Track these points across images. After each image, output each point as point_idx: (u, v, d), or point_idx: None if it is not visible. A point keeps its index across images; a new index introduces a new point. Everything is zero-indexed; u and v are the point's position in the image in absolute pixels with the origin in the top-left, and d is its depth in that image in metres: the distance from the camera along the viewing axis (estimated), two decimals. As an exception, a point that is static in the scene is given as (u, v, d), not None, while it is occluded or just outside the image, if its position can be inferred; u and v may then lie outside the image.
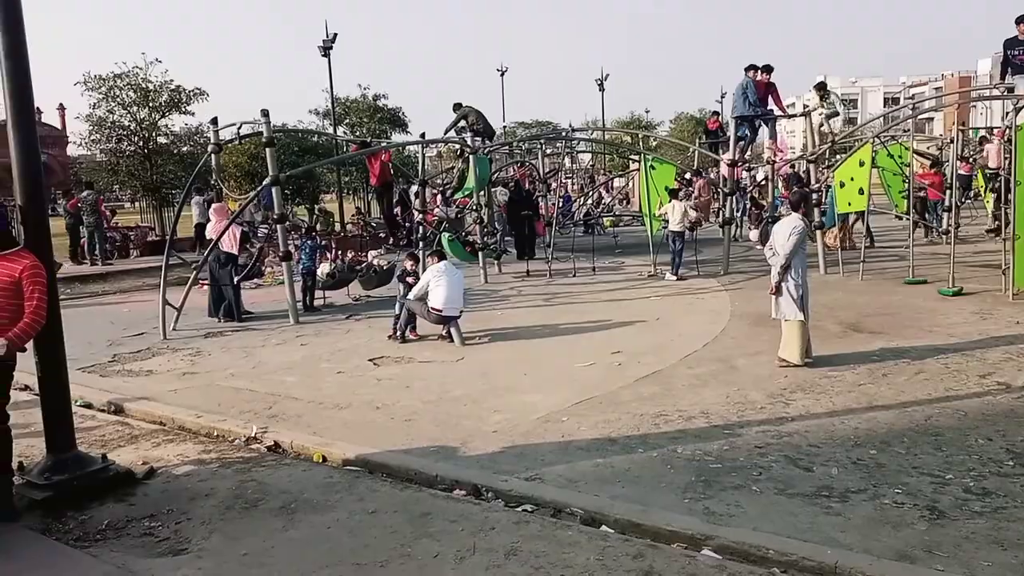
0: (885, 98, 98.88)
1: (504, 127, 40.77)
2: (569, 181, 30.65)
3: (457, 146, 17.91)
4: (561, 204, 21.29)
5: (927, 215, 17.95)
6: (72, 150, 44.46)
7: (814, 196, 14.09)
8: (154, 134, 24.98)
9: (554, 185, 21.11)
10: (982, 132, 23.56)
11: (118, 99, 24.09)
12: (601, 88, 46.82)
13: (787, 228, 8.04)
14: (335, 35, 27.38)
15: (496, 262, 16.48)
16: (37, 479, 5.35)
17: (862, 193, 13.59)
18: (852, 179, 13.68)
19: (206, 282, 12.64)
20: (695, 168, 22.80)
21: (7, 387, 5.20)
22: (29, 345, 5.21)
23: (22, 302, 5.03)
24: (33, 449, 6.00)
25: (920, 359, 8.10)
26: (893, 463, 5.43)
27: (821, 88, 17.09)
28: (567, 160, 28.40)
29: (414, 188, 19.62)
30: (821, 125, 16.69)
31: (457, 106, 17.69)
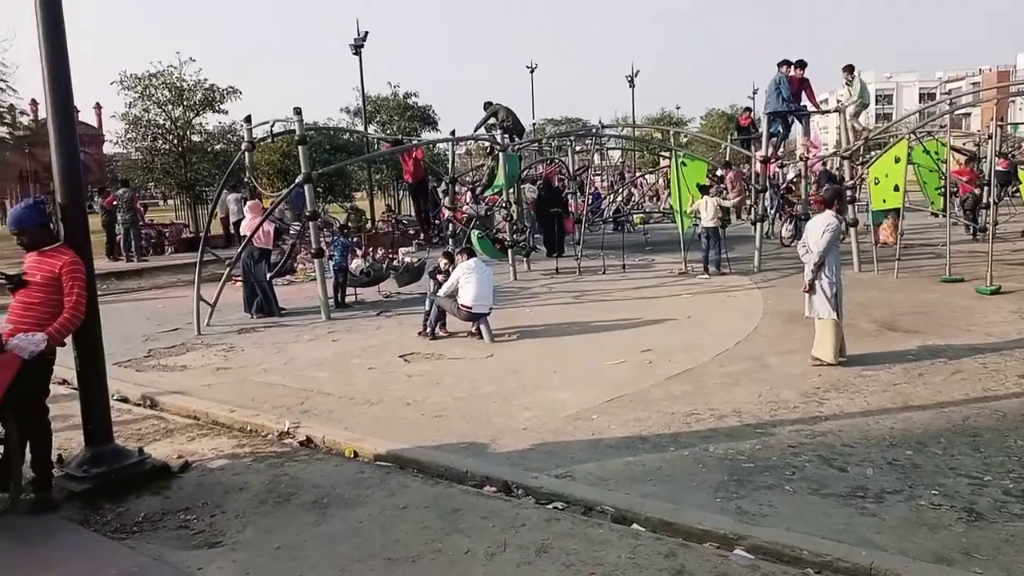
0: (921, 93, 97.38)
1: (534, 124, 40.82)
2: (598, 178, 30.53)
3: (487, 143, 17.91)
4: (591, 201, 21.22)
5: (976, 215, 17.47)
6: (108, 148, 45.35)
7: (848, 193, 13.90)
8: (188, 132, 25.34)
9: (586, 182, 21.04)
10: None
11: (153, 98, 24.48)
12: (631, 85, 46.73)
13: (821, 225, 7.94)
14: (366, 33, 27.59)
15: (525, 259, 16.48)
16: (76, 471, 5.46)
17: (897, 190, 13.40)
18: (887, 176, 13.49)
19: (239, 278, 12.79)
20: (725, 160, 22.59)
21: (47, 381, 5.32)
22: (68, 340, 5.32)
23: (62, 297, 5.13)
24: (71, 442, 6.12)
25: (957, 358, 7.97)
26: (930, 464, 5.35)
27: (848, 70, 16.65)
28: (596, 157, 28.27)
29: (442, 186, 19.71)
30: (853, 125, 16.37)
31: (488, 104, 17.71)
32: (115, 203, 20.82)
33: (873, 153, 16.09)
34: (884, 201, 14.03)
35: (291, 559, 4.40)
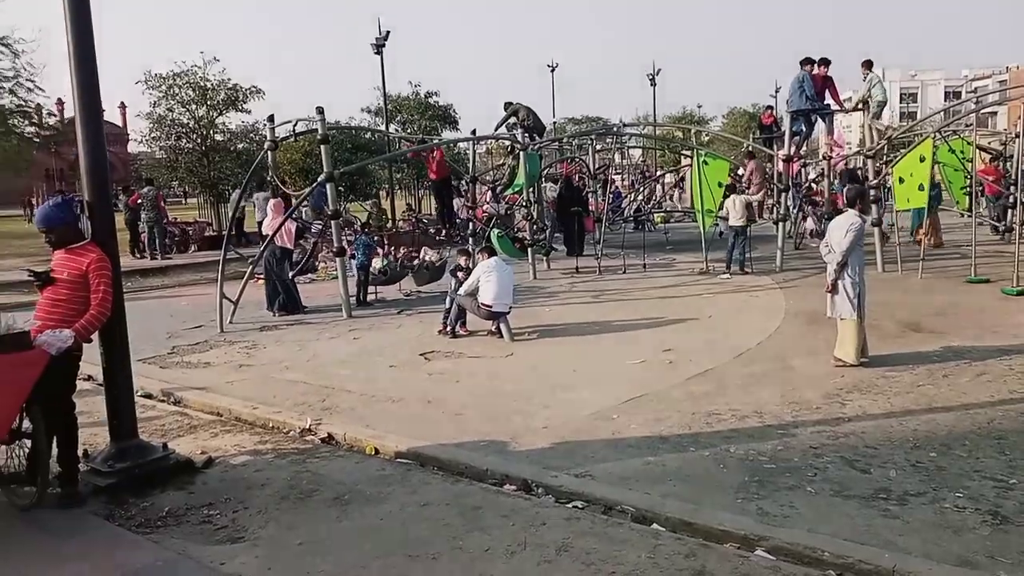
0: (946, 92, 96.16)
1: (554, 123, 40.73)
2: (619, 177, 30.45)
3: (507, 143, 17.93)
4: (611, 200, 21.17)
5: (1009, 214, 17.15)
6: (132, 147, 45.81)
7: (872, 192, 13.75)
8: (211, 131, 25.58)
9: (607, 181, 20.98)
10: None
11: (177, 97, 24.72)
12: (652, 83, 46.47)
13: (844, 225, 7.88)
14: (387, 33, 27.64)
15: (545, 258, 16.47)
16: (101, 466, 5.52)
17: (922, 189, 13.25)
18: (911, 175, 13.35)
19: (262, 276, 12.89)
20: (748, 151, 22.37)
21: (74, 377, 5.40)
22: (94, 336, 5.39)
23: (88, 294, 5.20)
24: (96, 437, 6.20)
25: (982, 360, 7.88)
26: (954, 466, 5.29)
27: (866, 66, 16.38)
28: (617, 156, 28.18)
29: (462, 186, 19.78)
30: (874, 126, 16.12)
31: (508, 104, 17.73)
32: (140, 201, 21.08)
33: (897, 153, 15.90)
34: (908, 200, 13.88)
35: (313, 555, 4.44)
